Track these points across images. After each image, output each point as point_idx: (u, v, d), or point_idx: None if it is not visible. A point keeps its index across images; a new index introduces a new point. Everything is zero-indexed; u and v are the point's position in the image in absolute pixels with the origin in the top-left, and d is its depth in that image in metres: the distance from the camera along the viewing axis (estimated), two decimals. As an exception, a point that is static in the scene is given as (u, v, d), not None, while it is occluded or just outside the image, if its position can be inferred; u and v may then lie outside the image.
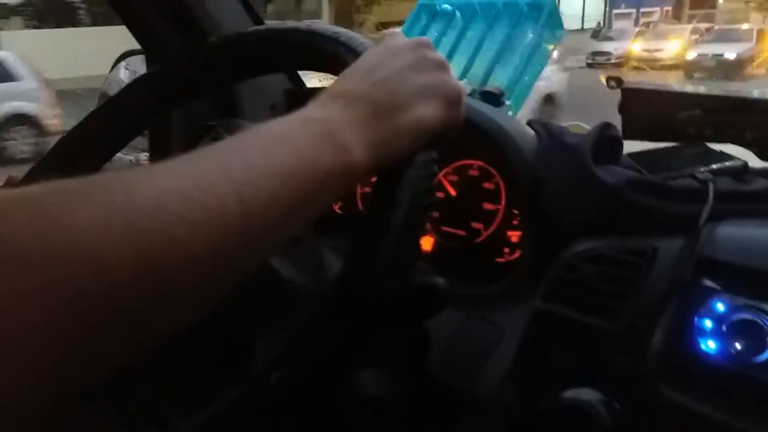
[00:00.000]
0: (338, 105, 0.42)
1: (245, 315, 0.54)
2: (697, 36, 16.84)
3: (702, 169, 0.68)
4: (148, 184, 0.31)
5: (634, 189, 0.65)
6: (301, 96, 1.19)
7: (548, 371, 0.64)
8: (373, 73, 0.45)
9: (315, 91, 0.51)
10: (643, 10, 31.73)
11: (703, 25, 19.48)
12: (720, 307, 0.57)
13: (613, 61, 16.09)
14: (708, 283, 0.58)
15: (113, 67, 1.44)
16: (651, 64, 15.04)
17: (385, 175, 0.45)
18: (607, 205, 0.66)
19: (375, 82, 0.44)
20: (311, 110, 0.42)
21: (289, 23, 0.66)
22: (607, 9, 29.47)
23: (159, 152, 1.13)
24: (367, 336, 0.47)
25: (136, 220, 0.29)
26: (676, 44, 16.37)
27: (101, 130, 0.78)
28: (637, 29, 21.42)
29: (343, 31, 0.56)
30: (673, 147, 0.79)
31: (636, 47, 16.82)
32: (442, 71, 0.47)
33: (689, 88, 0.89)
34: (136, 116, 0.78)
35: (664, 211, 0.64)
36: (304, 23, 0.63)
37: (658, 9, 32.78)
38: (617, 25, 27.12)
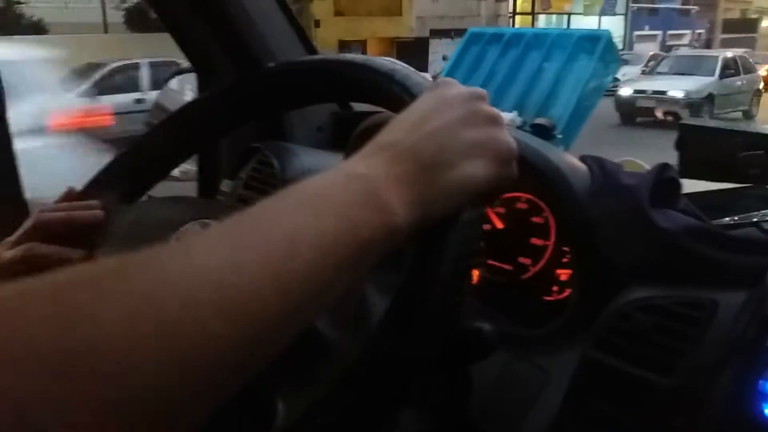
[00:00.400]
0: (384, 159, 0.41)
1: (272, 368, 0.54)
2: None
3: (765, 216, 0.65)
4: (182, 267, 0.30)
5: (694, 237, 0.62)
6: (349, 119, 1.19)
7: (595, 425, 0.61)
8: (423, 124, 0.43)
9: (362, 115, 0.50)
10: (671, 32, 30.09)
11: (740, 51, 15.75)
12: (786, 370, 0.53)
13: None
14: (773, 344, 0.54)
15: (167, 81, 1.47)
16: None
17: (429, 234, 0.43)
18: (664, 253, 0.63)
19: (423, 135, 0.42)
20: (356, 164, 0.41)
21: (345, 56, 0.65)
22: (628, 30, 27.87)
23: (206, 172, 1.14)
24: (401, 391, 0.45)
25: (168, 316, 0.28)
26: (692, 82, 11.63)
27: (157, 148, 0.79)
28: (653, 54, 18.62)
29: (399, 68, 0.55)
30: (734, 189, 0.75)
31: (624, 90, 11.54)
32: (494, 126, 0.45)
33: (753, 127, 0.85)
34: (191, 138, 0.79)
35: (725, 262, 0.61)
36: (360, 57, 0.63)
37: (688, 32, 31.23)
38: (639, 48, 25.19)
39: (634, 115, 11.35)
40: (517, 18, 24.79)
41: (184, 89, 1.15)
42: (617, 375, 0.61)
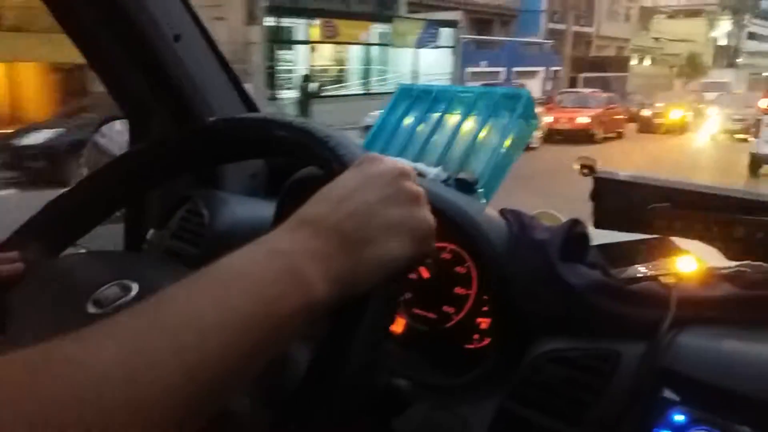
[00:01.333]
0: (305, 234, 0.42)
1: None
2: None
3: (665, 270, 0.69)
4: (92, 359, 0.31)
5: (598, 292, 0.66)
6: (283, 167, 1.20)
7: (510, 475, 0.63)
8: (347, 202, 0.44)
9: (297, 164, 0.51)
10: (518, 68, 24.05)
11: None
12: (679, 418, 0.57)
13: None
14: (668, 394, 0.58)
15: (96, 129, 1.45)
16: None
17: (346, 309, 0.44)
18: (572, 307, 0.67)
19: (346, 213, 0.43)
20: (277, 239, 0.42)
21: (283, 116, 0.67)
22: (458, 65, 22.15)
23: (133, 220, 1.13)
24: None
25: (70, 418, 0.28)
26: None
27: (88, 200, 0.78)
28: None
29: (334, 135, 0.57)
30: (639, 241, 0.80)
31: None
32: (415, 205, 0.47)
33: (662, 180, 0.91)
34: (123, 190, 0.79)
35: (627, 316, 0.64)
36: (298, 119, 0.64)
37: (540, 69, 25.96)
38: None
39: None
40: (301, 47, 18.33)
41: (114, 135, 1.14)
42: (531, 426, 0.64)
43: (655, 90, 21.40)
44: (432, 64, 20.36)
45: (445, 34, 21.70)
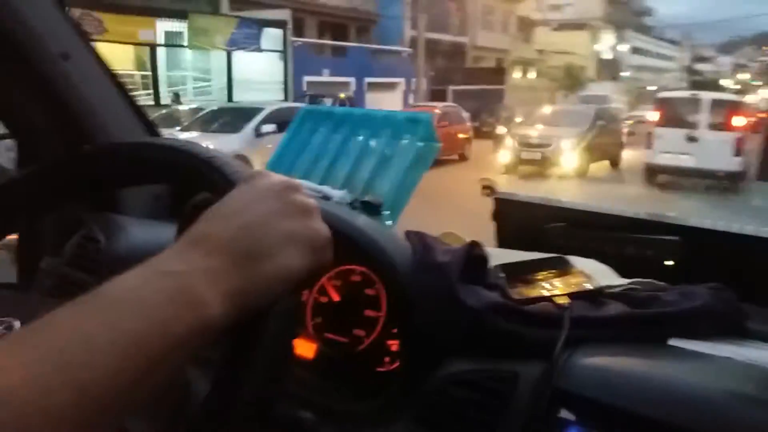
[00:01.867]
0: (198, 254, 0.41)
1: None
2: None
3: (560, 290, 0.72)
4: None
5: (496, 313, 0.67)
6: (186, 188, 1.17)
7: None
8: (238, 217, 0.44)
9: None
10: (371, 79, 20.90)
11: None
12: (575, 437, 0.58)
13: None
14: (564, 414, 0.59)
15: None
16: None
17: (244, 326, 0.43)
18: (472, 329, 0.68)
19: (238, 228, 0.43)
20: (169, 260, 0.41)
21: (166, 140, 0.65)
22: (290, 73, 18.40)
23: (25, 247, 1.06)
24: None
25: None
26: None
27: None
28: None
29: (218, 156, 0.56)
30: (539, 260, 0.82)
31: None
32: (308, 216, 0.46)
33: (558, 201, 0.95)
34: (11, 216, 0.74)
35: (524, 336, 0.66)
36: (181, 141, 0.63)
37: (400, 80, 22.53)
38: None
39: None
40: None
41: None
42: None
43: (540, 102, 18.27)
44: (259, 70, 17.46)
45: (273, 36, 17.87)
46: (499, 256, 0.82)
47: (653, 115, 11.23)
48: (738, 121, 10.19)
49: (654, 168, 10.72)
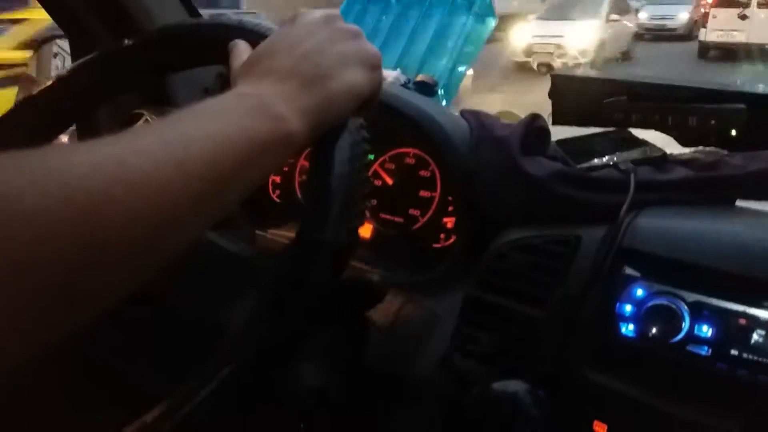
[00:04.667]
0: (269, 81, 0.44)
1: (203, 294, 0.56)
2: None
3: (623, 158, 0.71)
4: (84, 152, 0.32)
5: (560, 181, 0.67)
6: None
7: (480, 358, 0.66)
8: (294, 49, 0.46)
9: None
10: None
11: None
12: (639, 292, 0.60)
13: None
14: (629, 271, 0.60)
15: (37, 49, 1.38)
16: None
17: (322, 142, 0.46)
18: (535, 197, 0.68)
19: (299, 57, 0.46)
20: (242, 88, 0.43)
21: (219, 18, 0.65)
22: None
23: (86, 139, 1.09)
24: (312, 322, 0.48)
25: (71, 181, 0.29)
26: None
27: (33, 120, 0.75)
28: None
29: (246, 20, 0.57)
30: (598, 133, 0.81)
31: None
32: (357, 39, 0.49)
33: (616, 75, 0.92)
34: (69, 109, 0.76)
35: (588, 201, 0.66)
36: (233, 18, 0.63)
37: None
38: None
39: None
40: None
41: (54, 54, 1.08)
42: (498, 310, 0.66)
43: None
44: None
45: None
46: (557, 133, 0.81)
47: (709, -2, 11.89)
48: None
49: (708, 45, 11.59)
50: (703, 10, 12.07)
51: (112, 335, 0.48)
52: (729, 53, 11.03)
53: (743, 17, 11.12)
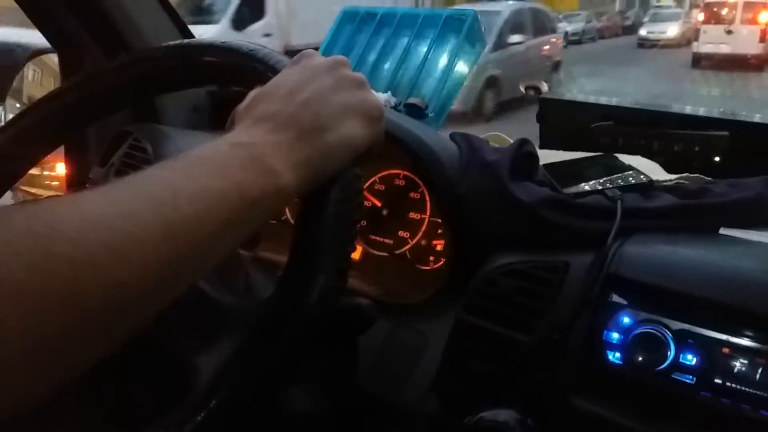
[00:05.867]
0: (265, 129, 0.43)
1: (184, 336, 0.55)
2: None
3: (610, 184, 0.72)
4: (71, 214, 0.31)
5: (548, 207, 0.68)
6: (228, 97, 1.17)
7: (469, 383, 0.67)
8: (296, 95, 0.45)
9: (240, 93, 0.51)
10: None
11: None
12: (626, 320, 0.60)
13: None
14: (616, 298, 0.61)
15: (27, 62, 1.37)
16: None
17: (313, 195, 0.45)
18: (523, 223, 0.69)
19: (299, 104, 0.45)
20: (238, 134, 0.43)
21: (203, 39, 0.65)
22: None
23: (74, 159, 1.09)
24: (300, 354, 0.48)
25: (58, 249, 0.29)
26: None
27: (21, 139, 0.75)
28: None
29: (259, 48, 0.56)
30: (586, 158, 0.82)
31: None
32: (361, 89, 0.48)
33: (603, 100, 0.93)
34: (59, 126, 0.75)
35: (575, 228, 0.67)
36: (218, 40, 0.63)
37: None
38: None
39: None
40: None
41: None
42: (487, 335, 0.67)
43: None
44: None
45: None
46: (545, 157, 0.82)
47: (700, 16, 14.47)
48: (764, 16, 13.24)
49: (699, 56, 13.64)
50: (696, 27, 14.51)
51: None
52: (718, 62, 13.12)
53: (729, 32, 13.30)
